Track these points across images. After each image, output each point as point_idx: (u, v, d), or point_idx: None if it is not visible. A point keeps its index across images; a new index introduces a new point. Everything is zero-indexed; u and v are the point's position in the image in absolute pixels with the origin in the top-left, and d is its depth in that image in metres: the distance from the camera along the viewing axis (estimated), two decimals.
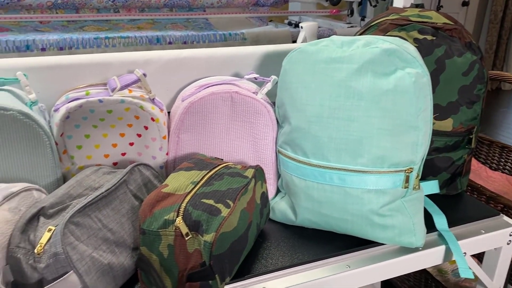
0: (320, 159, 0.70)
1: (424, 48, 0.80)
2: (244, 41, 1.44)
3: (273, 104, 0.80)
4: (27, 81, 0.71)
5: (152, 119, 0.75)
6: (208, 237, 0.55)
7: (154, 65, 0.82)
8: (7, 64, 0.74)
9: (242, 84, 0.80)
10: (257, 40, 1.43)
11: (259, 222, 0.70)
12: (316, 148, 0.70)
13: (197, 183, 0.63)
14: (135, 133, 0.77)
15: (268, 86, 0.79)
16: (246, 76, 0.81)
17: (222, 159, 0.75)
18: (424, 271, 1.23)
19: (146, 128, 0.76)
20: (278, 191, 0.84)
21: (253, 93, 0.78)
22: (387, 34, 0.83)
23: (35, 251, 0.54)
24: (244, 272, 0.66)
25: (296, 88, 0.72)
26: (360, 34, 0.88)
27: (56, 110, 0.73)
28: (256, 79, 0.80)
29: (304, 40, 1.22)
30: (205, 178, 0.64)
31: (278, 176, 0.83)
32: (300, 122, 0.72)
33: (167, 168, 0.80)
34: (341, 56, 0.69)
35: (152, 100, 0.77)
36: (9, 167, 0.67)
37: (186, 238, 0.56)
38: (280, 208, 0.79)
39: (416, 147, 0.69)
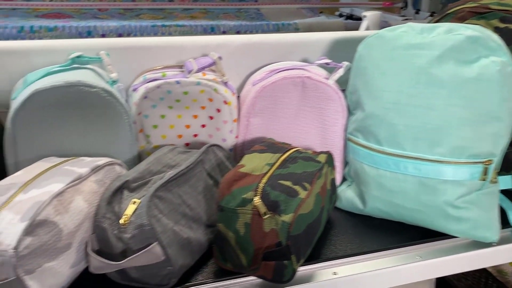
0: (395, 147, 0.69)
1: (506, 37, 0.76)
2: (296, 31, 1.44)
3: (342, 91, 0.79)
4: (109, 60, 0.74)
5: (225, 102, 0.77)
6: (287, 218, 0.56)
7: (225, 49, 0.83)
8: (89, 44, 0.77)
9: (313, 70, 0.80)
10: (309, 31, 1.42)
11: (328, 208, 0.70)
12: (391, 136, 0.69)
13: (273, 165, 0.63)
14: (207, 115, 0.78)
15: (340, 72, 0.78)
16: (317, 62, 0.81)
17: (290, 144, 0.75)
18: (484, 270, 1.20)
19: (218, 110, 0.77)
20: (343, 179, 0.83)
21: (325, 78, 0.78)
22: (465, 22, 0.80)
23: (121, 222, 0.56)
24: (315, 256, 0.66)
25: (372, 74, 0.71)
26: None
27: (135, 90, 0.75)
28: (328, 64, 0.80)
29: (367, 30, 1.20)
30: (280, 160, 0.65)
31: (345, 164, 0.83)
32: (375, 108, 0.71)
33: (236, 151, 0.81)
34: (421, 43, 0.67)
35: (225, 84, 0.78)
36: (91, 142, 0.70)
37: (264, 218, 0.57)
38: (347, 196, 0.78)
39: (497, 138, 0.66)
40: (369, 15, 1.22)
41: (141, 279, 0.58)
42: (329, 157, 0.70)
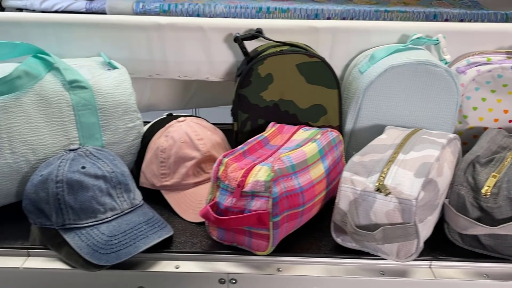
0: None
1: None
2: None
3: None
4: (445, 43, 0.79)
5: None
6: None
7: None
8: (422, 27, 0.83)
9: None
10: None
11: None
12: None
13: None
14: None
15: None
16: None
17: None
18: None
19: None
20: None
21: None
22: None
23: (483, 191, 0.61)
24: None
25: None
26: None
27: (462, 72, 0.79)
28: None
29: None
30: None
31: None
32: None
33: None
34: None
35: None
36: (424, 116, 0.77)
37: None
38: None
39: None
40: None
41: (493, 247, 0.62)
42: None
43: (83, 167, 0.62)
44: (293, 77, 0.76)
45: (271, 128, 0.75)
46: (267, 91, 0.77)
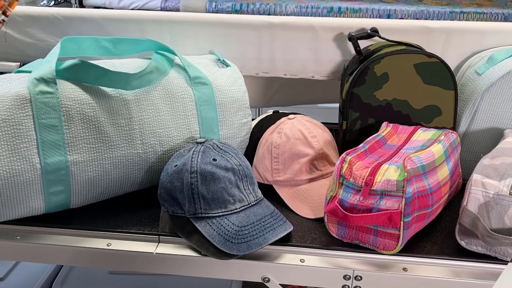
0: None
1: None
2: None
3: None
4: None
5: None
6: None
7: None
8: None
9: None
10: None
11: None
12: None
13: None
14: None
15: None
16: None
17: None
18: None
19: None
20: None
21: None
22: None
23: None
24: None
25: None
26: None
27: None
28: None
29: None
30: None
31: None
32: None
33: None
34: None
35: None
36: None
37: None
38: None
39: None
40: None
41: None
42: None
43: (214, 159, 0.65)
44: (409, 77, 0.76)
45: (386, 127, 0.75)
46: (381, 90, 0.77)
